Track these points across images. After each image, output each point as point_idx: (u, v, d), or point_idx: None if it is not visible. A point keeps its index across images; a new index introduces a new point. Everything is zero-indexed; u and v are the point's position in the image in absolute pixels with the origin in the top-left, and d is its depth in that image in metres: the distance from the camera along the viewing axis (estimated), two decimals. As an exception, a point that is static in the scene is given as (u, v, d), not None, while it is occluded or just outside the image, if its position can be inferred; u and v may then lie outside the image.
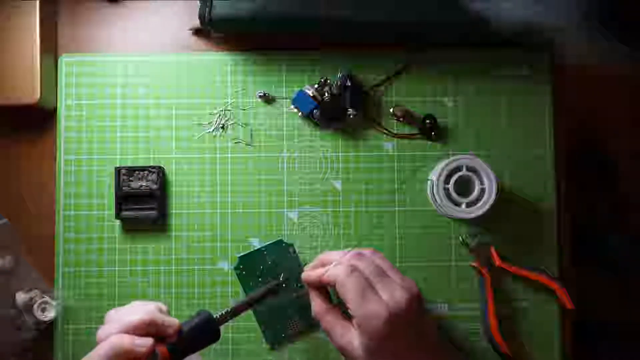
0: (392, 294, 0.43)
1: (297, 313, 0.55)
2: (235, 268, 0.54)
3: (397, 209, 0.58)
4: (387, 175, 0.58)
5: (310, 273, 0.50)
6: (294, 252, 0.55)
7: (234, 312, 0.47)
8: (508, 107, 0.59)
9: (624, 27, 0.52)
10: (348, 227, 0.58)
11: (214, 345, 0.56)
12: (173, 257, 0.57)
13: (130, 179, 0.56)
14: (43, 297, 0.55)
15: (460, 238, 0.56)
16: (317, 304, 0.49)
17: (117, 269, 0.56)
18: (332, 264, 0.48)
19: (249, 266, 0.54)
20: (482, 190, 0.54)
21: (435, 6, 0.54)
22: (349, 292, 0.44)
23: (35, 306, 0.54)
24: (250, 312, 0.55)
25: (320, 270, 0.48)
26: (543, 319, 0.57)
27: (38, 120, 0.58)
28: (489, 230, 0.58)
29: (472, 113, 0.59)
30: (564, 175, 0.58)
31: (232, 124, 0.58)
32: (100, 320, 0.56)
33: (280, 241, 0.55)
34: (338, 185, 0.58)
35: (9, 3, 0.55)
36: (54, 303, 0.55)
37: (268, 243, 0.56)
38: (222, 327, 0.45)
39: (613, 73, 0.59)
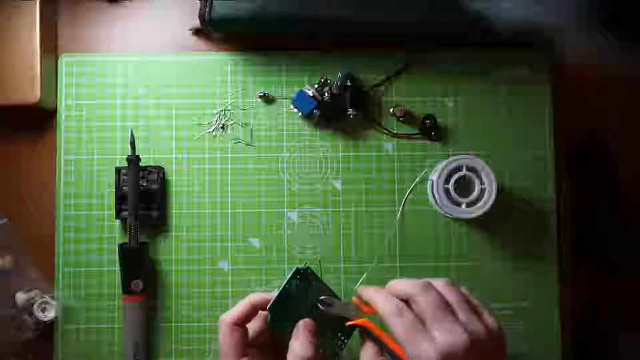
0: (449, 333, 0.36)
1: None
2: (270, 322, 0.44)
3: (397, 209, 0.58)
4: (387, 175, 0.58)
5: (364, 294, 0.43)
6: (313, 273, 0.46)
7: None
8: (508, 107, 0.59)
9: (624, 27, 0.52)
10: (348, 227, 0.58)
11: (214, 346, 0.56)
12: (173, 257, 0.57)
13: (130, 178, 0.56)
14: (43, 297, 0.55)
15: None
16: (367, 355, 0.42)
17: (117, 269, 0.56)
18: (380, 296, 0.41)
19: (281, 312, 0.45)
20: (482, 190, 0.54)
21: (435, 6, 0.54)
22: (398, 332, 0.38)
23: (35, 306, 0.54)
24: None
25: (377, 298, 0.41)
26: (543, 319, 0.57)
27: (38, 120, 0.58)
28: (489, 230, 0.58)
29: (472, 113, 0.59)
30: (564, 175, 0.59)
31: (232, 124, 0.58)
32: (100, 320, 0.56)
33: (297, 270, 0.46)
34: (338, 185, 0.58)
35: (9, 3, 0.55)
36: (54, 303, 0.55)
37: (286, 279, 0.45)
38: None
39: (613, 73, 0.59)
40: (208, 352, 0.56)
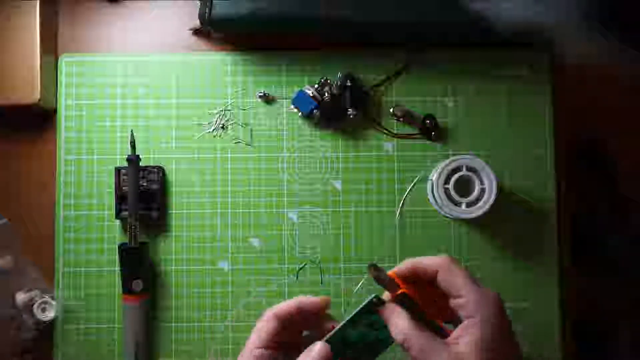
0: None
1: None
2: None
3: (397, 209, 0.58)
4: (387, 175, 0.58)
5: (406, 264, 0.39)
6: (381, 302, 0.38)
7: None
8: (508, 107, 0.59)
9: (624, 27, 0.52)
10: (348, 227, 0.58)
11: (214, 346, 0.56)
12: (173, 257, 0.57)
13: (130, 178, 0.56)
14: (43, 297, 0.55)
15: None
16: (403, 322, 0.37)
17: (117, 269, 0.56)
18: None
19: (340, 346, 0.38)
20: (482, 190, 0.54)
21: (435, 6, 0.54)
22: (460, 275, 0.37)
23: (35, 306, 0.54)
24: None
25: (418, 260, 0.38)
26: (543, 319, 0.57)
27: (38, 120, 0.58)
28: (489, 230, 0.58)
29: (472, 113, 0.59)
30: (564, 175, 0.59)
31: (232, 124, 0.58)
32: (100, 320, 0.56)
33: (370, 302, 0.38)
34: (338, 185, 0.58)
35: (9, 3, 0.55)
36: (54, 303, 0.55)
37: (357, 310, 0.38)
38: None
39: (613, 73, 0.59)
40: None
